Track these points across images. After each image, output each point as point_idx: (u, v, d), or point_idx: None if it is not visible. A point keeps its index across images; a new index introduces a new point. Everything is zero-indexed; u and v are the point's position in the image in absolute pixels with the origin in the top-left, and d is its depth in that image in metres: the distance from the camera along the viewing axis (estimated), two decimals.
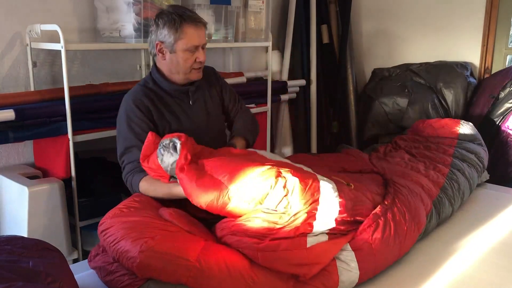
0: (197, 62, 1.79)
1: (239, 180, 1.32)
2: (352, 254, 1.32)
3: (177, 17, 1.73)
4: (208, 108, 1.94)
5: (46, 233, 1.92)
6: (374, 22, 3.68)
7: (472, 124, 2.40)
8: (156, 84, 1.84)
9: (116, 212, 1.40)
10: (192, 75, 1.83)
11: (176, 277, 1.16)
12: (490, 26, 3.09)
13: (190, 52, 1.76)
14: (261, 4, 2.84)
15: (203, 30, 1.79)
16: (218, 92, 2.01)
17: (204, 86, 1.94)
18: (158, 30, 1.76)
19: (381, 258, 1.37)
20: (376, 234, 1.38)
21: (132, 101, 1.79)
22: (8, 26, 2.19)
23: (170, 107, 1.83)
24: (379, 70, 3.48)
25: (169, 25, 1.73)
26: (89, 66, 2.51)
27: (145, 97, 1.79)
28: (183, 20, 1.72)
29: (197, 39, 1.76)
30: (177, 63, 1.78)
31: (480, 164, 2.17)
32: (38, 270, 0.98)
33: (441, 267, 1.45)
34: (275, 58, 3.37)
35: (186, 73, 1.81)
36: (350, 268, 1.30)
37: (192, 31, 1.74)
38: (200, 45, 1.77)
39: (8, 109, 1.95)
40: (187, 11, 1.78)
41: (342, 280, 1.27)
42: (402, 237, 1.43)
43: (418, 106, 3.11)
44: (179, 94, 1.85)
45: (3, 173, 2.10)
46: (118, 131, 1.81)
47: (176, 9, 1.78)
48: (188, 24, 1.73)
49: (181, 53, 1.76)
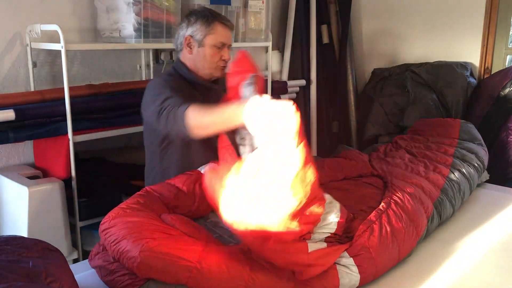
0: (222, 60, 1.87)
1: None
2: (351, 260, 1.32)
3: (210, 14, 1.84)
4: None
5: (46, 233, 1.92)
6: (374, 22, 3.68)
7: (472, 124, 2.40)
8: (180, 75, 1.88)
9: (118, 211, 1.40)
10: (216, 72, 1.89)
11: (176, 277, 1.16)
12: (490, 26, 3.09)
13: (217, 48, 1.84)
14: (261, 4, 2.84)
15: (231, 33, 1.89)
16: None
17: (221, 93, 1.88)
18: (190, 25, 1.84)
19: (381, 261, 1.36)
20: (372, 238, 1.38)
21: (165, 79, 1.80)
22: (8, 26, 2.19)
23: (191, 97, 1.74)
24: (379, 70, 3.48)
25: (202, 20, 1.82)
26: (89, 66, 2.51)
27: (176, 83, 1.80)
28: (215, 18, 1.83)
29: (225, 37, 1.85)
30: (204, 57, 1.85)
31: (481, 164, 2.17)
32: (38, 270, 0.98)
33: (441, 267, 1.45)
34: (275, 58, 3.37)
35: (210, 68, 1.86)
36: (351, 271, 1.30)
37: (222, 29, 1.84)
38: (227, 44, 1.86)
39: (8, 109, 1.96)
40: (221, 14, 1.90)
41: (342, 283, 1.28)
42: (401, 241, 1.43)
43: (418, 106, 3.11)
44: (203, 89, 1.89)
45: (3, 173, 2.10)
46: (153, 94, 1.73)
47: (210, 9, 1.90)
48: (219, 22, 1.84)
49: (209, 48, 1.83)
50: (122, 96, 2.34)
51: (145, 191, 1.59)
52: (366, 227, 1.42)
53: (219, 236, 1.48)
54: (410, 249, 1.49)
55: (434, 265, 1.46)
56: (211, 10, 1.88)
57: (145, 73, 2.72)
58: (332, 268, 1.28)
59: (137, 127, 2.35)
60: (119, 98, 2.31)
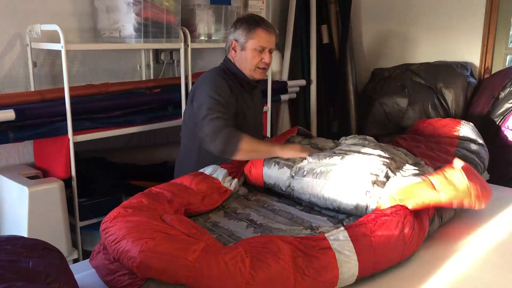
0: (262, 62, 2.01)
1: None
2: (351, 245, 1.32)
3: (254, 21, 2.00)
4: (258, 112, 2.20)
5: (46, 233, 1.92)
6: (374, 22, 3.69)
7: (472, 124, 2.40)
8: (231, 72, 2.04)
9: (119, 211, 1.40)
10: (257, 74, 2.04)
11: (176, 277, 1.16)
12: (490, 26, 3.09)
13: (257, 52, 1.99)
14: (261, 4, 2.84)
15: (273, 37, 2.03)
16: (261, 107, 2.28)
17: (260, 94, 2.24)
18: (236, 30, 2.02)
19: (382, 254, 1.36)
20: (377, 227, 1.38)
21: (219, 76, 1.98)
22: (8, 26, 2.19)
23: (240, 96, 2.02)
24: (379, 70, 3.48)
25: (245, 26, 2.00)
26: (89, 66, 2.51)
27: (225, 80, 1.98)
28: (258, 25, 1.99)
29: (266, 42, 2.00)
30: (246, 59, 2.01)
31: (481, 164, 2.17)
32: (38, 270, 0.98)
33: (441, 267, 1.45)
34: (275, 58, 3.36)
35: (251, 69, 2.02)
36: (349, 259, 1.29)
37: (263, 34, 1.99)
38: (267, 48, 2.01)
39: (8, 109, 1.96)
40: (264, 20, 2.05)
41: (342, 272, 1.27)
42: (408, 239, 1.42)
43: (418, 106, 3.11)
44: (248, 86, 2.07)
45: (3, 173, 2.10)
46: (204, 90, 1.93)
47: (255, 16, 2.06)
48: (261, 28, 1.99)
49: (250, 52, 1.99)
50: (122, 96, 2.34)
51: (149, 191, 1.61)
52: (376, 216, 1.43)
53: (219, 236, 1.48)
54: (415, 249, 1.48)
55: (434, 265, 1.46)
56: (256, 17, 2.05)
57: (145, 73, 2.72)
58: (331, 256, 1.28)
59: (137, 127, 2.35)
60: (119, 98, 2.31)
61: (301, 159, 1.82)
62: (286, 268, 1.21)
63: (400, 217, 1.43)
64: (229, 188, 1.78)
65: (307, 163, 1.77)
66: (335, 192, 1.62)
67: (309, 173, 1.70)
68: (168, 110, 2.49)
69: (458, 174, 1.51)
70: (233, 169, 1.88)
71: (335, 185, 1.62)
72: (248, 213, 1.67)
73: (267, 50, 2.01)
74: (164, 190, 1.61)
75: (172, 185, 1.68)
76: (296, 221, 1.61)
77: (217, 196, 1.72)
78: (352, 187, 1.59)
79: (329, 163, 1.71)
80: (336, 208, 1.64)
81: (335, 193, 1.62)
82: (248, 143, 1.83)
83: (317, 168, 1.70)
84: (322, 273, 1.25)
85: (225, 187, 1.77)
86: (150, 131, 2.76)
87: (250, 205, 1.76)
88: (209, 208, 1.67)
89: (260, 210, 1.71)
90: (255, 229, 1.55)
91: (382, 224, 1.40)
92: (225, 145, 1.81)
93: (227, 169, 1.85)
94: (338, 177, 1.63)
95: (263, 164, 1.86)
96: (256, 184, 1.90)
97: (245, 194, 1.88)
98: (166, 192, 1.59)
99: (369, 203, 1.54)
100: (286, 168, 1.79)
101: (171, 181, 1.75)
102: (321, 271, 1.25)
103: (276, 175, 1.82)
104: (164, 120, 2.48)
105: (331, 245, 1.31)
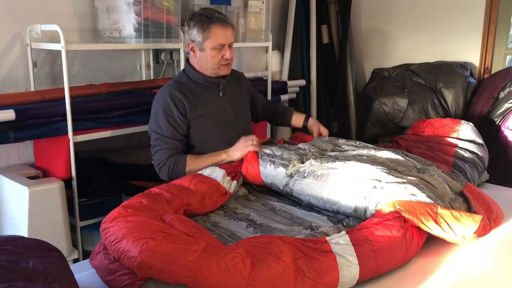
0: (224, 59, 2.00)
1: None
2: (352, 249, 1.32)
3: (206, 18, 1.94)
4: (237, 102, 2.14)
5: (46, 233, 1.92)
6: (374, 22, 3.69)
7: (472, 124, 2.40)
8: (189, 78, 2.05)
9: (120, 211, 1.40)
10: (221, 71, 2.04)
11: (176, 277, 1.17)
12: (490, 26, 3.09)
13: (217, 50, 1.97)
14: (261, 4, 2.84)
15: (230, 31, 1.99)
16: (246, 92, 2.25)
17: (234, 83, 2.17)
18: (189, 30, 1.99)
19: (383, 258, 1.36)
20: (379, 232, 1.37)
21: (168, 94, 1.99)
22: (9, 26, 2.19)
23: (202, 98, 2.03)
24: (379, 70, 3.48)
25: (198, 26, 1.95)
26: (89, 66, 2.51)
27: (177, 91, 1.99)
28: (210, 21, 1.94)
29: (224, 38, 1.96)
30: (206, 60, 1.99)
31: (481, 164, 2.17)
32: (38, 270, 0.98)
33: (441, 267, 1.45)
34: (275, 58, 3.37)
35: (214, 68, 2.01)
36: (350, 263, 1.29)
37: (219, 31, 1.95)
38: (226, 44, 1.97)
39: (9, 109, 1.95)
40: (216, 13, 1.98)
41: (342, 275, 1.27)
42: (409, 243, 1.42)
43: (418, 106, 3.11)
44: (211, 85, 2.06)
45: (3, 173, 2.11)
46: (154, 114, 2.02)
47: (206, 11, 1.99)
48: (216, 24, 1.94)
49: (209, 51, 1.97)
50: (122, 96, 2.34)
51: (149, 192, 1.61)
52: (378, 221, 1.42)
53: (219, 236, 1.48)
54: (416, 252, 1.48)
55: (434, 265, 1.46)
56: (207, 12, 1.97)
57: (145, 73, 2.72)
58: (332, 259, 1.28)
59: (137, 127, 2.35)
60: (119, 98, 2.31)
61: (298, 159, 1.81)
62: (287, 269, 1.21)
63: (402, 221, 1.43)
64: (228, 190, 1.78)
65: (309, 165, 1.78)
66: (334, 195, 1.62)
67: (310, 175, 1.70)
68: None
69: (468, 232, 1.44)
70: (231, 169, 1.88)
71: (335, 188, 1.62)
72: (248, 213, 1.68)
73: (227, 46, 1.98)
74: (163, 191, 1.61)
75: (171, 186, 1.68)
76: (296, 221, 1.61)
77: (217, 197, 1.72)
78: (352, 190, 1.59)
79: (331, 167, 1.71)
80: (335, 210, 1.64)
81: (334, 195, 1.61)
82: (193, 163, 1.95)
83: (319, 170, 1.70)
84: (322, 275, 1.25)
85: (225, 188, 1.77)
86: None
87: (250, 205, 1.76)
88: (209, 209, 1.67)
89: (259, 210, 1.71)
90: (255, 229, 1.55)
91: (384, 228, 1.39)
92: (172, 173, 1.95)
93: (225, 170, 1.85)
94: (338, 180, 1.63)
95: (258, 162, 1.87)
96: (255, 183, 1.91)
97: (245, 194, 1.88)
98: (165, 192, 1.60)
99: (368, 207, 1.54)
100: (281, 167, 1.79)
101: (171, 182, 1.76)
102: (321, 273, 1.25)
103: (272, 174, 1.82)
104: None
105: (332, 249, 1.31)
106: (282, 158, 1.83)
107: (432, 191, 1.56)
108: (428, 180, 1.63)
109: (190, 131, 2.02)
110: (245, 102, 2.23)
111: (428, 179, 1.64)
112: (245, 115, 2.21)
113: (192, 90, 2.02)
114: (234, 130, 2.08)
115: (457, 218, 1.43)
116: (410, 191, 1.51)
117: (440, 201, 1.51)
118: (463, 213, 1.45)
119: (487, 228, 1.57)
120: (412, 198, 1.48)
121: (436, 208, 1.44)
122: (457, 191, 1.69)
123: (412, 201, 1.47)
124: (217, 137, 2.05)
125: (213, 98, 2.06)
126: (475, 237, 1.46)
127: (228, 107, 2.10)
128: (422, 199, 1.47)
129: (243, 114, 2.19)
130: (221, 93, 2.07)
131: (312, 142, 2.08)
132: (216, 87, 2.07)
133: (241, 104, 2.19)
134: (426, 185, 1.57)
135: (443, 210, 1.44)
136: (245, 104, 2.23)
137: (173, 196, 1.58)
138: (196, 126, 2.01)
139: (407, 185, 1.54)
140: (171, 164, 1.94)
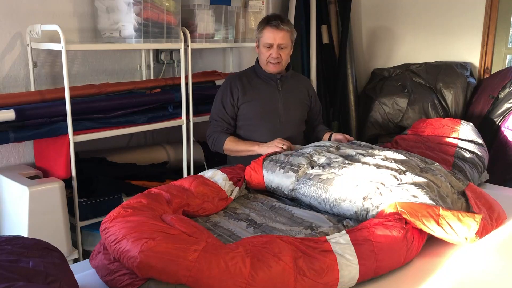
0: (271, 57, 2.28)
1: None
2: (352, 249, 1.32)
3: (264, 20, 2.30)
4: (290, 99, 2.39)
5: (46, 233, 1.93)
6: (374, 22, 3.69)
7: (472, 124, 2.40)
8: (253, 70, 2.40)
9: (119, 211, 1.40)
10: (268, 67, 2.33)
11: (176, 277, 1.16)
12: (490, 26, 3.09)
13: (266, 48, 2.28)
14: (261, 4, 2.84)
15: (280, 34, 2.25)
16: (307, 96, 2.49)
17: (293, 83, 2.44)
18: (257, 30, 2.34)
19: (383, 259, 1.35)
20: (379, 232, 1.37)
21: (229, 81, 2.37)
22: (9, 26, 2.20)
23: (257, 87, 2.35)
24: (379, 70, 3.48)
25: (258, 26, 2.33)
26: (89, 66, 2.51)
27: (237, 79, 2.36)
28: (266, 23, 2.28)
29: (272, 39, 2.26)
30: (260, 55, 2.34)
31: (481, 164, 2.17)
32: (38, 270, 0.98)
33: (441, 268, 1.45)
34: None
35: (264, 64, 2.33)
36: (350, 263, 1.29)
37: (268, 32, 2.26)
38: (274, 44, 2.26)
39: (9, 109, 1.96)
40: (277, 18, 2.28)
41: (342, 275, 1.27)
42: (410, 244, 1.42)
43: (418, 106, 3.11)
44: (269, 80, 2.36)
45: (3, 173, 2.11)
46: (216, 98, 2.40)
47: (270, 15, 2.33)
48: (269, 26, 2.26)
49: (262, 48, 2.31)
50: (122, 96, 2.34)
51: (148, 192, 1.61)
52: (378, 221, 1.42)
53: (219, 236, 1.48)
54: (416, 253, 1.48)
55: (434, 265, 1.46)
56: (269, 16, 2.31)
57: (145, 73, 2.72)
58: (332, 259, 1.28)
59: (137, 127, 2.35)
60: (119, 98, 2.32)
61: (307, 164, 1.81)
62: (287, 269, 1.21)
63: (402, 222, 1.43)
64: (229, 196, 1.78)
65: (316, 169, 1.78)
66: (336, 197, 1.62)
67: (315, 177, 1.71)
68: (168, 110, 2.49)
69: (469, 232, 1.43)
70: (233, 174, 1.88)
71: (337, 191, 1.62)
72: (248, 213, 1.67)
73: (275, 46, 2.25)
74: (163, 191, 1.61)
75: (171, 186, 1.68)
76: (295, 220, 1.61)
77: (217, 201, 1.71)
78: (353, 192, 1.59)
79: (337, 173, 1.71)
80: (336, 213, 1.64)
81: (336, 198, 1.62)
82: (230, 143, 2.29)
83: (324, 175, 1.71)
84: (322, 275, 1.25)
85: (226, 193, 1.77)
86: (150, 131, 2.76)
87: (250, 205, 1.76)
88: (208, 213, 1.67)
89: (259, 210, 1.71)
90: (255, 229, 1.55)
91: (384, 228, 1.39)
92: (213, 146, 2.36)
93: (227, 174, 1.85)
94: (340, 183, 1.64)
95: (262, 168, 1.87)
96: (258, 189, 1.91)
97: (245, 194, 1.88)
98: (164, 193, 1.59)
99: (369, 208, 1.54)
100: (291, 172, 1.79)
101: (171, 183, 1.76)
102: (321, 273, 1.25)
103: (279, 179, 1.81)
104: (164, 120, 2.48)
105: (332, 248, 1.31)
106: (292, 164, 1.83)
107: (435, 190, 1.56)
108: (432, 179, 1.63)
109: (239, 113, 2.34)
110: (300, 101, 2.44)
111: (432, 179, 1.64)
112: (295, 113, 2.42)
113: (251, 80, 2.36)
114: (280, 122, 2.34)
115: (459, 219, 1.43)
116: (412, 192, 1.51)
117: (442, 202, 1.51)
118: (464, 213, 1.45)
119: (488, 228, 1.57)
120: (414, 200, 1.48)
121: (438, 209, 1.44)
122: (459, 190, 1.69)
123: (414, 203, 1.46)
124: (262, 122, 2.32)
125: (269, 89, 2.35)
126: (477, 238, 1.46)
127: (280, 100, 2.35)
128: (424, 201, 1.47)
129: (294, 111, 2.40)
130: (279, 88, 2.35)
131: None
132: (274, 81, 2.35)
133: (294, 102, 2.41)
134: (429, 185, 1.57)
135: (445, 212, 1.44)
136: (299, 104, 2.44)
137: (173, 196, 1.58)
138: (245, 108, 2.32)
139: (409, 186, 1.54)
140: (214, 139, 2.33)
